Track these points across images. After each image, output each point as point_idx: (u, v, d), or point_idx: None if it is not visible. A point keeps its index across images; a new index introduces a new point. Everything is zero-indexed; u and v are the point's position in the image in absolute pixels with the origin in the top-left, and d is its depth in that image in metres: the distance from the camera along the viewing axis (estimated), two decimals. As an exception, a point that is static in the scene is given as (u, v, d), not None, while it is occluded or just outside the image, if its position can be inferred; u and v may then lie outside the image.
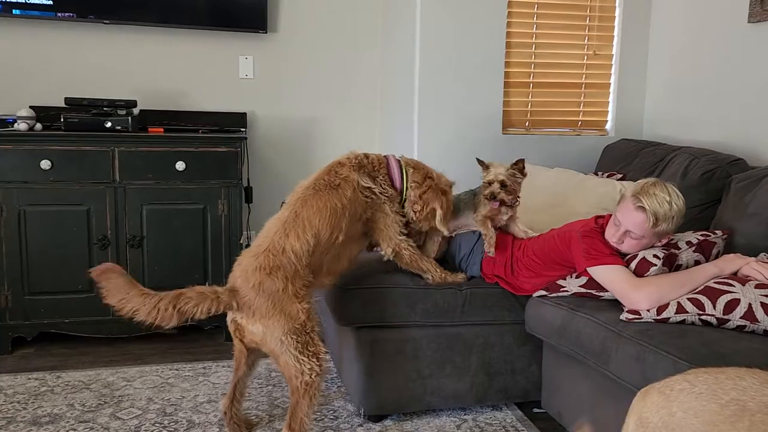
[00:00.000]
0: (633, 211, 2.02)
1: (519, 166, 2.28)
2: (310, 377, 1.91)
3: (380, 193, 2.13)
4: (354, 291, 2.20)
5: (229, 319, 2.00)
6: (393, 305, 2.22)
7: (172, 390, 2.52)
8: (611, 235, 2.09)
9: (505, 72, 3.19)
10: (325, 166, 2.15)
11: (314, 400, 1.93)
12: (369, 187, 2.11)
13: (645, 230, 2.02)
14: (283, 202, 2.15)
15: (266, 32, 3.37)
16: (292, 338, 1.88)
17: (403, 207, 2.21)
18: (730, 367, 1.11)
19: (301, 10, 3.47)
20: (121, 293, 1.81)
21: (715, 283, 1.87)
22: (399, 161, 2.24)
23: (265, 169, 3.51)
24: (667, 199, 1.99)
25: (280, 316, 1.88)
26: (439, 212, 2.18)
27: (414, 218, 2.21)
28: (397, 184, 2.20)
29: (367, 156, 2.19)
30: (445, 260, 2.41)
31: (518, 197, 2.32)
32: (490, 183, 2.26)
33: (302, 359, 1.89)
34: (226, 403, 2.13)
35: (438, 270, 2.26)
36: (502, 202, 2.26)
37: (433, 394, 2.31)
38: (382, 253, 2.21)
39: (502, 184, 2.24)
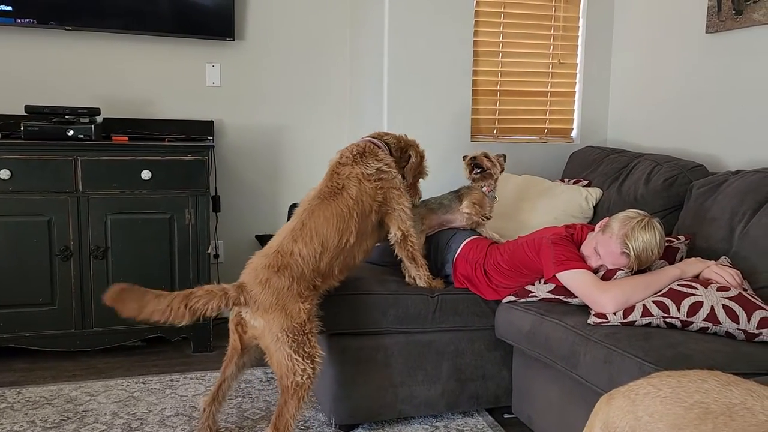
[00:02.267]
0: (618, 255, 2.05)
1: (502, 159, 2.54)
2: (302, 378, 1.93)
3: (388, 168, 2.20)
4: (325, 298, 2.18)
5: (232, 314, 2.06)
6: (364, 312, 2.22)
7: (138, 404, 2.47)
8: (588, 258, 2.13)
9: (473, 80, 3.23)
10: (327, 171, 2.21)
11: (302, 403, 1.95)
12: (377, 169, 2.16)
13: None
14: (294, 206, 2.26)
15: (233, 39, 3.34)
16: (288, 336, 1.92)
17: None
18: (692, 370, 1.13)
19: (268, 17, 3.45)
20: (136, 303, 1.87)
21: (679, 285, 1.91)
22: (376, 140, 2.30)
23: (233, 178, 3.47)
24: (653, 243, 2.03)
25: (281, 312, 1.93)
26: (412, 159, 2.34)
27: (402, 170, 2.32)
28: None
29: (357, 144, 2.24)
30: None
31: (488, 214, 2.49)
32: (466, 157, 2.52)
33: (296, 359, 1.92)
34: (207, 400, 2.13)
35: (428, 271, 2.31)
36: (484, 172, 2.47)
37: (404, 401, 2.31)
38: (390, 235, 2.24)
39: (485, 155, 2.47)
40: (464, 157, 2.56)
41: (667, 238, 2.20)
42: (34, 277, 2.79)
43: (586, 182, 2.95)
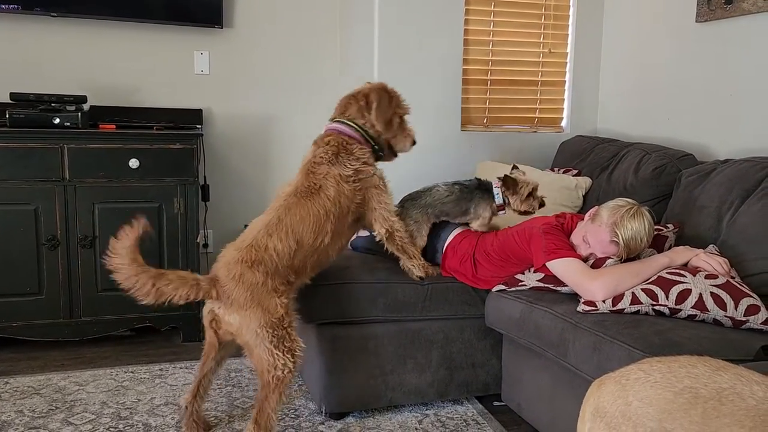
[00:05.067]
0: (607, 243, 2.06)
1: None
2: (283, 372, 1.90)
3: (366, 167, 2.11)
4: (314, 287, 2.18)
5: (205, 310, 2.01)
6: (354, 301, 2.22)
7: (128, 393, 2.46)
8: (578, 247, 2.14)
9: (463, 69, 3.22)
10: (302, 168, 2.12)
11: (283, 396, 1.94)
12: (355, 170, 2.09)
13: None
14: None
15: (222, 27, 3.31)
16: (267, 331, 1.88)
17: (380, 153, 2.21)
18: (683, 356, 1.14)
19: (257, 5, 3.42)
20: (121, 259, 1.84)
21: (667, 273, 1.92)
22: (344, 122, 2.17)
23: (223, 167, 3.45)
24: (642, 232, 2.04)
25: (258, 308, 1.89)
26: (374, 106, 2.16)
27: (383, 135, 2.19)
28: (361, 142, 2.16)
29: (327, 142, 2.12)
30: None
31: None
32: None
33: (276, 353, 1.89)
34: (188, 398, 2.10)
35: (421, 259, 2.28)
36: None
37: (394, 390, 2.31)
38: (375, 233, 2.20)
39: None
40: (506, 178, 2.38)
41: (655, 227, 2.21)
42: (20, 267, 2.76)
43: (575, 171, 2.96)
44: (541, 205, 2.39)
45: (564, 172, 2.98)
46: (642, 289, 1.90)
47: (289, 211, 2.01)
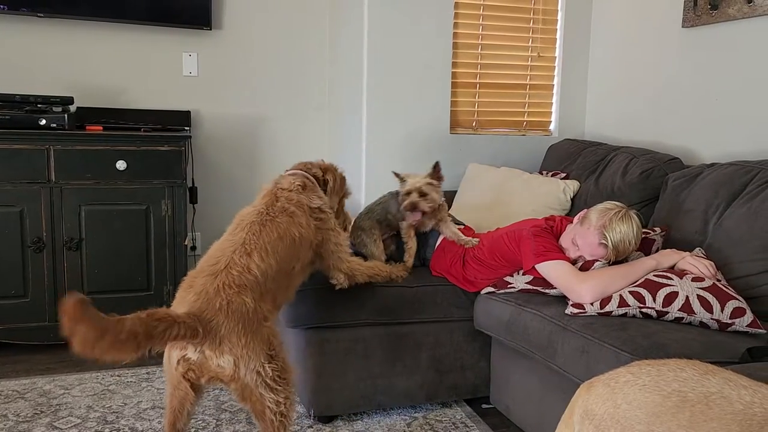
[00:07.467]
0: (596, 246, 2.08)
1: (436, 173, 2.27)
2: (285, 407, 1.70)
3: (327, 209, 2.01)
4: (302, 291, 2.17)
5: (175, 358, 1.64)
6: (342, 305, 2.21)
7: (114, 397, 2.44)
8: (567, 249, 2.15)
9: (452, 73, 3.23)
10: (266, 193, 1.96)
11: (288, 430, 1.73)
12: (319, 207, 1.97)
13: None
14: None
15: (211, 29, 3.30)
16: (269, 367, 1.66)
17: None
18: (672, 359, 1.15)
19: (246, 6, 3.41)
20: (94, 327, 1.45)
21: (655, 276, 1.94)
22: (306, 173, 2.07)
23: (211, 169, 3.43)
24: (630, 234, 2.06)
25: (255, 342, 1.63)
26: (330, 184, 2.12)
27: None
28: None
29: (294, 178, 2.01)
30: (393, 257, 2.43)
31: (440, 203, 2.33)
32: (408, 193, 2.24)
33: (278, 389, 1.68)
34: None
35: (384, 268, 2.26)
36: (423, 212, 2.26)
37: (383, 393, 2.31)
38: (334, 281, 2.09)
39: (421, 194, 2.24)
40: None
41: (643, 230, 2.23)
42: (5, 270, 2.73)
43: (563, 175, 2.97)
44: (414, 208, 2.24)
45: (552, 176, 3.00)
46: (629, 292, 1.92)
47: (265, 228, 1.80)
